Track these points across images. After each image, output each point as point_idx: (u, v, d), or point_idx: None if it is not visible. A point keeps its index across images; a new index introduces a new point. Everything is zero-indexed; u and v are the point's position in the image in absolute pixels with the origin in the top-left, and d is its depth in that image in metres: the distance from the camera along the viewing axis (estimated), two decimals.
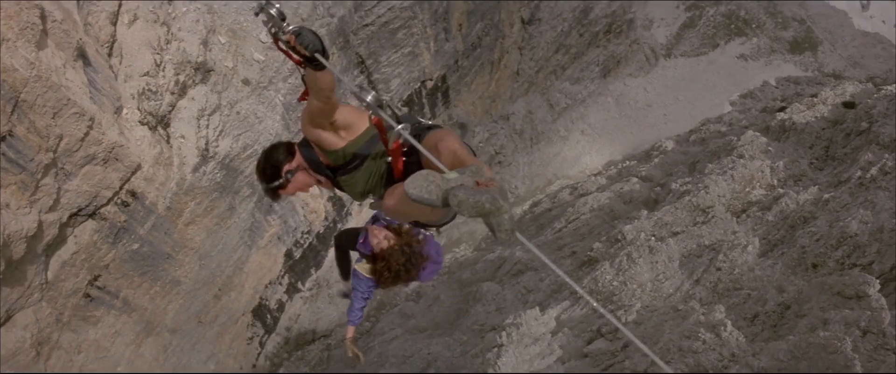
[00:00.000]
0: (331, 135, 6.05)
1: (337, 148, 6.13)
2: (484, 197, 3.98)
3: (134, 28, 26.56)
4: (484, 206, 3.97)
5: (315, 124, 5.94)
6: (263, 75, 32.80)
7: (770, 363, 17.83)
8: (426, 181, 4.23)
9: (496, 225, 4.07)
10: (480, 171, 4.40)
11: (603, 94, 74.52)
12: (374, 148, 6.15)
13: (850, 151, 31.88)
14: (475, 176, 4.30)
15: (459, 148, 5.14)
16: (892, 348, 17.44)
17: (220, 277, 33.75)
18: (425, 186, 4.21)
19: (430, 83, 53.49)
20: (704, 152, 41.29)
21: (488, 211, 4.00)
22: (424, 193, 4.19)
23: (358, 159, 6.20)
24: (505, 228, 4.07)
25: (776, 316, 21.52)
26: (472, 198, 3.98)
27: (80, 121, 22.10)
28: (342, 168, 6.31)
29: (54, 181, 22.25)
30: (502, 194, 4.17)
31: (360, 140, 6.14)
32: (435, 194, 4.18)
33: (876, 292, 19.15)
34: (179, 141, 28.02)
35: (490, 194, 4.01)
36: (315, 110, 5.71)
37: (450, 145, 5.13)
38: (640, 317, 24.16)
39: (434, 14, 48.78)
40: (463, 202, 3.99)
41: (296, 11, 34.59)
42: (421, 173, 4.31)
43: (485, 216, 4.05)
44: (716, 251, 26.27)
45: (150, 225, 27.60)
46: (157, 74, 27.01)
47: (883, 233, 22.25)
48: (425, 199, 4.19)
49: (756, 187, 31.65)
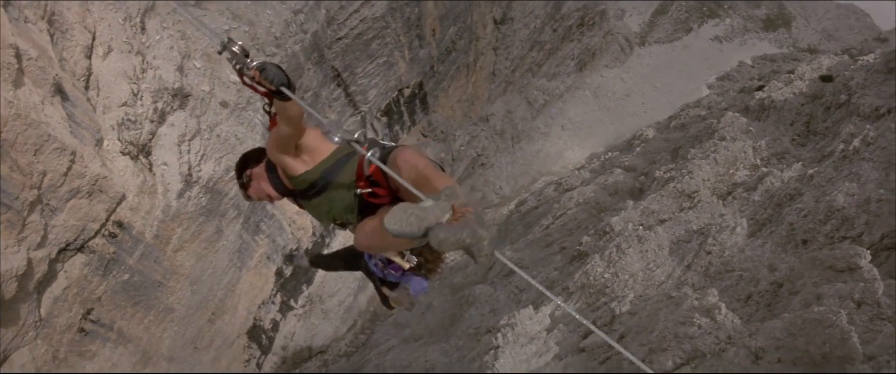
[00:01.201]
0: (294, 160, 5.99)
1: (298, 174, 6.08)
2: (464, 233, 4.00)
3: (109, 60, 26.49)
4: (465, 241, 3.99)
5: (281, 149, 5.90)
6: (241, 96, 32.76)
7: (767, 343, 17.83)
8: (405, 214, 4.21)
9: (477, 252, 4.08)
10: (454, 192, 4.39)
11: (580, 87, 74.65)
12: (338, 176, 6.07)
13: (831, 125, 31.93)
14: (450, 200, 4.31)
15: (420, 161, 5.09)
16: (888, 317, 17.46)
17: (212, 301, 33.67)
18: (404, 219, 4.19)
19: (408, 91, 53.55)
20: (686, 138, 41.33)
21: (469, 245, 4.01)
22: (405, 226, 4.17)
23: (319, 186, 6.13)
24: (484, 254, 4.09)
25: (770, 295, 21.52)
26: (452, 237, 3.99)
27: (61, 156, 22.02)
28: (303, 193, 6.31)
29: (41, 218, 22.17)
30: (480, 221, 4.20)
31: (322, 166, 6.07)
32: (415, 226, 4.16)
33: (867, 264, 19.16)
34: (162, 168, 27.96)
35: (469, 229, 4.02)
36: (284, 135, 5.66)
37: (409, 159, 5.07)
38: (634, 307, 24.18)
39: (406, 22, 48.83)
40: (444, 242, 4.00)
41: (269, 30, 34.59)
42: (398, 207, 4.28)
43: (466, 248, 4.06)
44: (705, 235, 26.29)
45: (138, 254, 27.50)
46: (135, 103, 26.94)
47: (870, 204, 22.27)
48: (406, 233, 4.17)
49: (740, 167, 31.69)
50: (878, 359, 15.47)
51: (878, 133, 26.52)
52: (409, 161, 5.05)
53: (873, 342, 16.52)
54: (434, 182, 4.78)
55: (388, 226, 4.19)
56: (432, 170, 5.01)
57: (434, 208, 4.22)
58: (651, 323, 21.81)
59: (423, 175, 4.90)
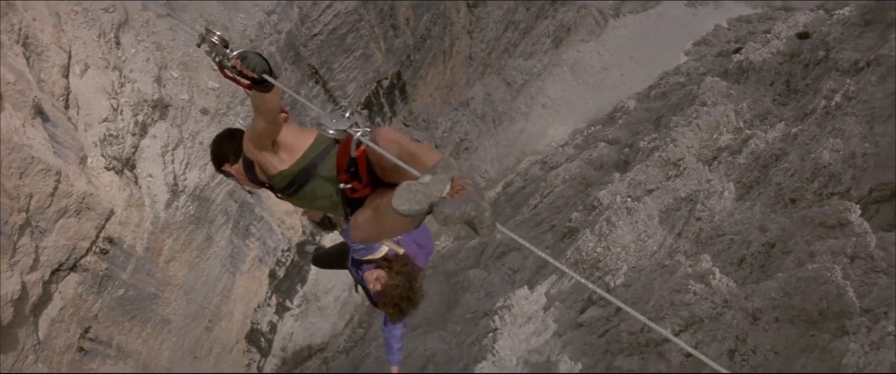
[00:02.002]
0: (272, 157, 5.92)
1: (276, 172, 6.05)
2: (469, 206, 4.02)
3: (86, 77, 26.41)
4: (470, 214, 4.01)
5: (259, 146, 5.82)
6: (220, 102, 32.69)
7: (763, 304, 17.87)
8: (410, 192, 4.19)
9: (479, 225, 4.11)
10: (449, 164, 4.41)
11: (558, 64, 74.53)
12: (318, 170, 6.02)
13: (811, 82, 31.97)
14: (447, 171, 4.33)
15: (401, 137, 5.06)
16: (882, 269, 17.49)
17: (208, 308, 33.61)
18: (411, 197, 4.17)
19: (386, 82, 53.52)
20: (667, 106, 41.35)
21: (473, 217, 4.04)
22: (414, 204, 4.16)
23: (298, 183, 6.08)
24: (487, 224, 4.11)
25: (762, 256, 21.56)
26: (458, 212, 4.01)
27: (47, 176, 21.96)
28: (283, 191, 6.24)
29: (31, 240, 22.09)
30: (479, 192, 4.22)
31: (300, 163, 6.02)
32: (423, 202, 4.15)
33: (858, 218, 19.21)
34: (148, 180, 27.91)
35: (472, 201, 4.05)
36: (261, 131, 5.60)
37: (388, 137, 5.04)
38: (628, 279, 24.19)
39: (380, 13, 48.79)
40: (450, 217, 4.02)
41: (243, 33, 34.52)
42: (402, 187, 4.24)
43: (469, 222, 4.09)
44: (693, 202, 26.33)
45: (131, 268, 27.45)
46: (116, 118, 26.86)
47: (855, 158, 22.31)
48: (415, 210, 4.16)
49: (723, 132, 31.74)
50: (874, 312, 15.53)
51: (858, 87, 26.55)
52: (389, 139, 5.02)
53: (869, 295, 16.56)
54: (422, 156, 4.79)
55: (398, 207, 4.16)
56: (416, 145, 5.00)
57: (435, 180, 4.24)
58: (646, 293, 21.84)
59: (409, 151, 4.89)
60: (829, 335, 16.16)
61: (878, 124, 23.84)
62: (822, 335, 16.30)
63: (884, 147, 21.74)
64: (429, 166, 4.55)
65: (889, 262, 17.53)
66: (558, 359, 21.34)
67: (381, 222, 5.15)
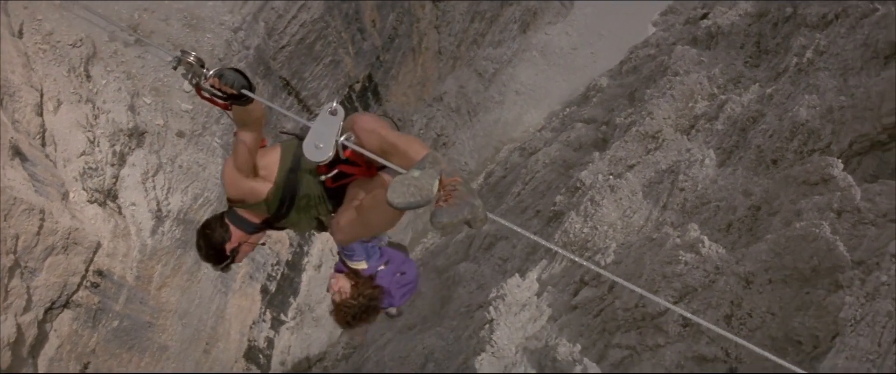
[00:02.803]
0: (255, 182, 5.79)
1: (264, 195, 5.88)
2: (465, 211, 4.03)
3: (60, 113, 26.34)
4: (466, 218, 4.02)
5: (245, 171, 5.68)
6: (195, 123, 32.63)
7: (755, 267, 17.86)
8: (403, 186, 4.18)
9: (473, 221, 4.10)
10: (435, 159, 4.39)
11: (527, 49, 74.56)
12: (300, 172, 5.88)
13: (781, 41, 31.94)
14: (435, 166, 4.31)
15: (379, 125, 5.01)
16: (870, 221, 17.49)
17: (204, 331, 33.54)
18: (406, 191, 4.17)
19: (358, 86, 53.53)
20: (640, 80, 41.32)
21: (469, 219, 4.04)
22: (410, 197, 4.16)
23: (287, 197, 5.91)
24: (480, 218, 4.11)
25: (750, 220, 21.56)
26: (456, 219, 4.02)
27: (31, 216, 21.88)
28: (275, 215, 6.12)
29: (22, 281, 22.00)
30: (470, 190, 4.21)
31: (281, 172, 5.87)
32: (418, 196, 4.16)
33: (840, 172, 19.19)
34: (131, 209, 27.85)
35: (467, 204, 4.05)
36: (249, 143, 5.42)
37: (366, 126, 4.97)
38: (618, 256, 24.18)
39: (345, 18, 48.74)
40: (448, 226, 4.04)
41: (211, 53, 34.44)
42: (396, 181, 4.23)
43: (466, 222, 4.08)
44: (675, 173, 26.31)
45: (124, 299, 27.36)
46: (93, 150, 26.79)
47: (833, 112, 22.30)
48: (412, 203, 4.17)
49: (698, 100, 31.74)
50: (866, 263, 15.49)
51: (829, 40, 26.54)
52: (368, 128, 5.00)
53: (859, 248, 16.56)
54: (405, 148, 4.76)
55: (393, 200, 4.16)
56: (395, 135, 4.98)
57: (424, 175, 4.24)
58: (638, 269, 21.81)
59: (390, 142, 4.87)
60: (823, 291, 16.14)
61: (851, 76, 23.84)
62: (816, 292, 16.29)
63: (860, 98, 21.71)
64: (413, 160, 4.52)
65: (876, 213, 17.52)
66: (556, 343, 21.28)
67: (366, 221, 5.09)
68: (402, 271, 7.40)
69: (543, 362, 21.71)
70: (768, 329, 17.00)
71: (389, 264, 7.30)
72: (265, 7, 39.53)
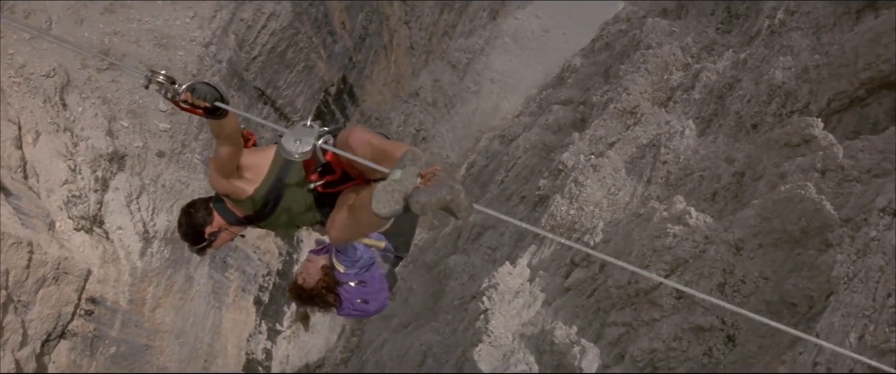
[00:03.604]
0: (240, 182, 5.78)
1: (247, 196, 5.85)
2: (443, 191, 3.92)
3: (40, 144, 26.26)
4: (445, 198, 3.91)
5: (224, 174, 5.65)
6: (175, 141, 32.53)
7: (744, 233, 17.83)
8: (387, 194, 4.08)
9: (456, 208, 3.99)
10: (415, 155, 4.31)
11: (498, 36, 74.58)
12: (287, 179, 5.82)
13: (751, 4, 31.90)
14: (415, 162, 4.23)
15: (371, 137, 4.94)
16: (855, 177, 17.45)
17: (201, 349, 33.46)
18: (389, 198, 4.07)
19: (333, 89, 53.52)
20: (613, 56, 41.27)
21: (450, 201, 3.93)
22: (394, 204, 4.06)
23: (272, 200, 5.91)
24: (464, 206, 4.00)
25: (734, 187, 21.53)
26: (434, 198, 3.92)
27: (20, 250, 21.76)
28: (258, 214, 6.09)
29: (16, 316, 21.88)
30: (451, 175, 4.11)
31: (269, 178, 5.85)
32: (401, 202, 4.05)
33: (821, 131, 19.18)
34: (118, 233, 27.76)
35: (446, 186, 3.95)
36: (225, 157, 5.42)
37: (359, 138, 4.91)
38: (606, 235, 24.15)
39: (315, 22, 48.66)
40: (426, 205, 3.93)
41: (184, 69, 34.31)
42: (378, 190, 4.12)
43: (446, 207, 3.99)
44: (656, 147, 26.28)
45: (119, 324, 27.29)
46: (76, 178, 26.72)
47: (809, 72, 22.27)
48: (397, 210, 4.07)
49: (673, 71, 31.69)
50: (854, 220, 15.47)
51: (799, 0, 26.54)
52: (361, 139, 4.93)
53: (846, 205, 16.54)
54: (394, 153, 4.64)
55: (379, 211, 4.07)
56: (386, 142, 4.93)
57: (405, 175, 4.15)
58: (627, 245, 21.77)
59: (380, 150, 4.79)
60: (814, 251, 16.11)
61: (824, 34, 23.84)
62: (807, 253, 16.25)
63: (834, 56, 21.69)
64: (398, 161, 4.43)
65: (860, 169, 17.49)
66: (553, 327, 21.26)
67: (358, 220, 4.97)
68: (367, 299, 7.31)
69: (541, 346, 21.68)
70: (762, 294, 16.96)
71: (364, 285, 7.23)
72: (234, 19, 39.39)
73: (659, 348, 18.48)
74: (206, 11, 37.12)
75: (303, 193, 5.86)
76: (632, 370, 19.17)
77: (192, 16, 36.65)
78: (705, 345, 17.65)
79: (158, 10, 35.65)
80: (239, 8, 39.56)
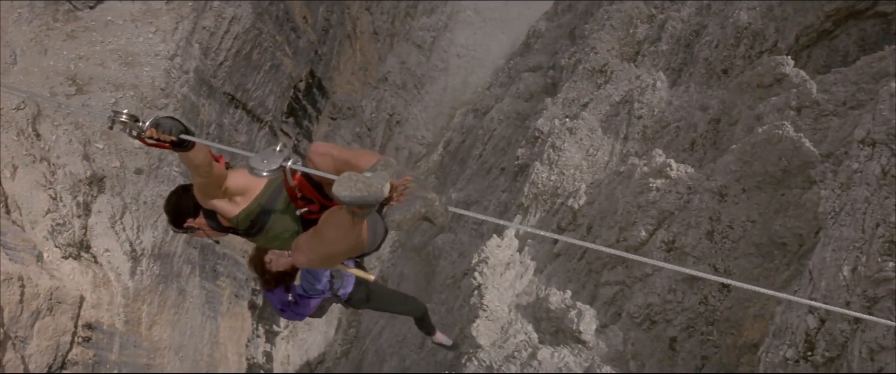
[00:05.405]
0: (226, 203, 5.72)
1: (235, 215, 5.83)
2: (417, 205, 4.02)
3: (18, 177, 26.22)
4: (420, 212, 4.02)
5: (206, 197, 5.63)
6: (151, 157, 32.46)
7: (726, 179, 17.79)
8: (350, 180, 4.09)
9: (432, 217, 4.09)
10: (387, 162, 4.35)
11: (460, 10, 74.58)
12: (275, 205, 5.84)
13: None
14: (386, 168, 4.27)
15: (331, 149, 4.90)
16: (831, 111, 17.46)
17: (201, 360, 33.45)
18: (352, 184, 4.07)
19: (302, 84, 53.53)
20: (577, 16, 41.29)
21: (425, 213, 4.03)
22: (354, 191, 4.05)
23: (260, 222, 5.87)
24: (441, 212, 4.10)
25: (712, 134, 21.51)
26: (408, 215, 4.00)
27: (11, 285, 21.70)
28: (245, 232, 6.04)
29: (15, 353, 21.81)
30: (423, 186, 4.17)
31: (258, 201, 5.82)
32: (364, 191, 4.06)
33: (792, 69, 19.18)
34: (106, 255, 27.73)
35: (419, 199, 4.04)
36: (200, 186, 5.43)
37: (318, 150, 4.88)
38: (590, 196, 24.12)
39: (277, 21, 48.63)
40: (402, 222, 3.99)
41: (153, 84, 34.18)
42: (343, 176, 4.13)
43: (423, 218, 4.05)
44: (629, 103, 26.25)
45: (117, 347, 27.25)
46: (58, 206, 26.70)
47: (773, 10, 22.27)
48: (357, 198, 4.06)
49: (637, 24, 31.66)
50: (835, 154, 15.48)
51: None
52: (319, 152, 4.96)
53: (825, 140, 16.56)
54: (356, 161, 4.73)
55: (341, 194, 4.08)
56: (347, 152, 4.90)
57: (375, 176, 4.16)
58: (611, 205, 21.76)
59: (342, 160, 4.84)
60: (798, 189, 16.10)
61: None
62: (791, 192, 16.23)
63: None
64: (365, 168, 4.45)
65: (835, 103, 17.49)
66: (547, 294, 21.24)
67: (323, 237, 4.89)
68: (285, 310, 8.10)
69: (538, 314, 21.66)
70: (751, 237, 16.95)
71: (295, 304, 8.16)
72: (196, 28, 39.25)
73: (654, 302, 18.48)
74: (168, 24, 37.04)
75: (289, 218, 5.90)
76: (630, 326, 19.18)
77: (154, 31, 36.58)
78: (700, 294, 17.65)
79: (120, 30, 35.61)
80: (200, 16, 39.46)
